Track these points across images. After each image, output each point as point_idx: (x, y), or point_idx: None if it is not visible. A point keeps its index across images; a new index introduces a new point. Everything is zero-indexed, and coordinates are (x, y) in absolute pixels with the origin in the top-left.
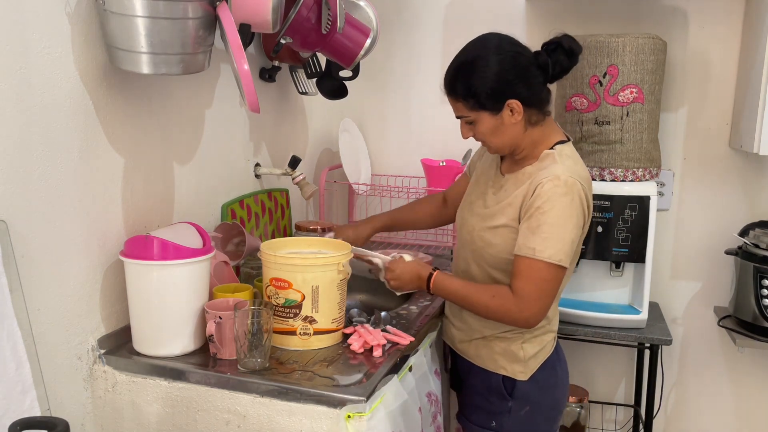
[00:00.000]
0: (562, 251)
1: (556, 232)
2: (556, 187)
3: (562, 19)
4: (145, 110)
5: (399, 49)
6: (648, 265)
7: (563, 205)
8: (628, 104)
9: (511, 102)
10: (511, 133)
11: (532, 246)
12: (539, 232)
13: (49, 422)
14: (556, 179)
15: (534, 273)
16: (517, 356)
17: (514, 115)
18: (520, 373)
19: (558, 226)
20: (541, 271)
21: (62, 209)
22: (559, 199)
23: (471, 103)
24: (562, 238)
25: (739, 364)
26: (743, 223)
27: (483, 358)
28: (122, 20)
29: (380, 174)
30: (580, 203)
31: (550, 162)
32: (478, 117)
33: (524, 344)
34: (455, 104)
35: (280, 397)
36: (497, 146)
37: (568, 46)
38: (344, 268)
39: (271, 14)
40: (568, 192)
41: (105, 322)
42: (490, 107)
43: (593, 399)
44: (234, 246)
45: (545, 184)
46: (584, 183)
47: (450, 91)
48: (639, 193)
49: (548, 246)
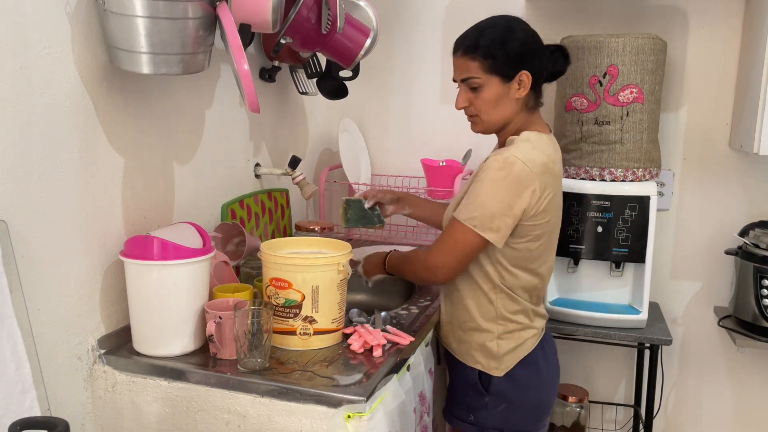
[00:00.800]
0: (478, 218)
1: (479, 199)
2: (495, 162)
3: (562, 19)
4: (145, 110)
5: (399, 49)
6: (648, 265)
7: (493, 179)
8: (628, 104)
9: (524, 74)
10: (509, 108)
11: (459, 209)
12: (467, 197)
13: (49, 422)
14: (499, 155)
15: (449, 230)
16: (492, 352)
17: (520, 89)
18: (495, 369)
19: (482, 196)
20: (456, 231)
21: (62, 209)
22: (492, 173)
23: (488, 65)
24: (482, 205)
25: (739, 364)
26: (743, 223)
27: (462, 353)
28: (122, 20)
29: (380, 174)
30: (518, 182)
31: (509, 144)
32: (488, 81)
33: (499, 340)
34: (468, 64)
35: (280, 397)
36: (491, 119)
37: (566, 53)
38: (344, 268)
39: (271, 14)
40: (503, 167)
41: (105, 322)
42: (505, 73)
43: (593, 399)
44: (234, 246)
45: (490, 159)
46: (532, 165)
47: (469, 49)
48: (639, 193)
49: (467, 211)
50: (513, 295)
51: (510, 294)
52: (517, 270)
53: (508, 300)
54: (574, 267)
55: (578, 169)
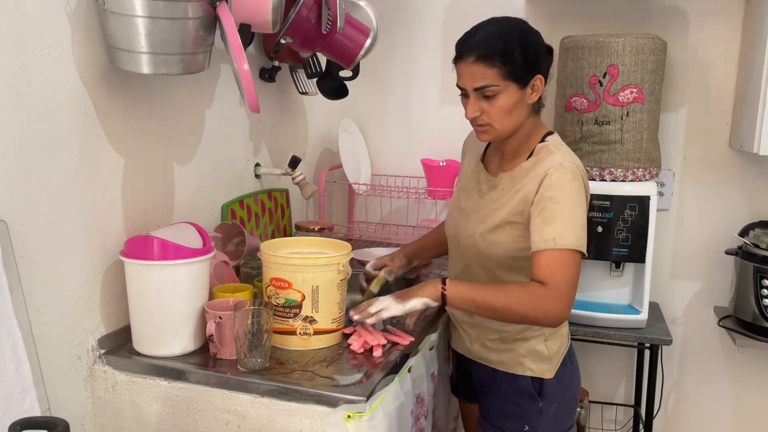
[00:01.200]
0: (581, 238)
1: (572, 218)
2: (564, 174)
3: (562, 19)
4: (145, 110)
5: (399, 49)
6: (648, 265)
7: (573, 191)
8: (628, 104)
9: (538, 78)
10: (522, 114)
11: (552, 237)
12: (555, 221)
13: (49, 422)
14: (561, 167)
15: (561, 263)
16: (543, 355)
17: (533, 93)
18: (547, 371)
19: (572, 213)
20: (566, 259)
21: (62, 209)
22: (568, 185)
23: (506, 71)
24: (576, 224)
25: (739, 364)
26: (743, 223)
27: (507, 363)
28: (122, 20)
29: (380, 174)
30: (584, 189)
31: (546, 153)
32: (505, 88)
33: (547, 342)
34: (485, 71)
35: (280, 397)
36: (504, 128)
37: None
38: (344, 268)
39: (271, 14)
40: (575, 178)
41: (105, 322)
42: (521, 79)
43: (593, 399)
44: (234, 246)
45: (553, 174)
46: (582, 169)
47: (483, 56)
48: (639, 193)
49: (568, 234)
50: None
51: None
52: None
53: None
54: None
55: None
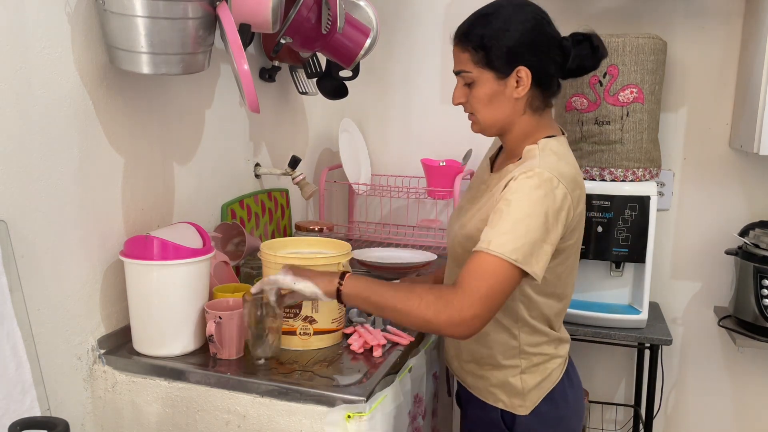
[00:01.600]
0: (520, 250)
1: (518, 227)
2: (528, 179)
3: (562, 19)
4: (145, 110)
5: (399, 49)
6: (648, 265)
7: (532, 200)
8: (628, 104)
9: (522, 70)
10: (507, 108)
11: (488, 239)
12: (499, 224)
13: (49, 422)
14: (530, 171)
15: (485, 269)
16: (515, 389)
17: (518, 87)
18: (520, 407)
19: (521, 221)
20: (493, 267)
21: (62, 209)
22: (528, 192)
23: (479, 57)
24: (524, 234)
25: (739, 364)
26: (743, 223)
27: (480, 389)
28: (122, 20)
29: (380, 174)
30: (555, 202)
31: (530, 157)
32: (480, 76)
33: (523, 375)
34: (460, 55)
35: (280, 397)
36: (486, 120)
37: (597, 44)
38: (344, 268)
39: (271, 14)
40: (540, 186)
41: (105, 322)
42: (499, 68)
43: (593, 399)
44: (234, 246)
45: (518, 177)
46: (566, 182)
47: (461, 39)
48: (639, 193)
49: (506, 241)
50: (537, 326)
51: (534, 325)
52: (543, 298)
53: (532, 332)
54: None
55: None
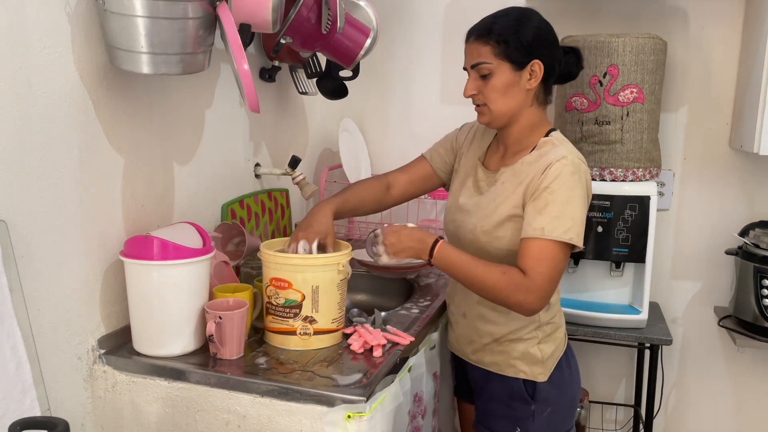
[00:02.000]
0: (573, 230)
1: (566, 210)
2: (565, 167)
3: (562, 19)
4: (145, 110)
5: (399, 49)
6: (648, 265)
7: (572, 184)
8: (628, 104)
9: (536, 63)
10: (519, 99)
11: (541, 226)
12: (547, 211)
13: (49, 422)
14: (564, 159)
15: (544, 253)
16: (536, 357)
17: (531, 79)
18: (540, 374)
19: (567, 204)
20: (552, 251)
21: (62, 209)
22: (568, 178)
23: (500, 50)
24: (572, 216)
25: (739, 364)
26: (743, 223)
27: (500, 365)
28: (122, 20)
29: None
30: (586, 184)
31: (550, 147)
32: (498, 67)
33: (540, 344)
34: (480, 48)
35: (280, 397)
36: (498, 110)
37: (580, 55)
38: (344, 268)
39: (271, 14)
40: (576, 171)
41: (105, 322)
42: (516, 60)
43: (593, 399)
44: (234, 246)
45: (554, 164)
46: (586, 166)
47: (482, 33)
48: (639, 193)
49: (559, 224)
50: (553, 301)
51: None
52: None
53: (549, 306)
54: (574, 267)
55: None
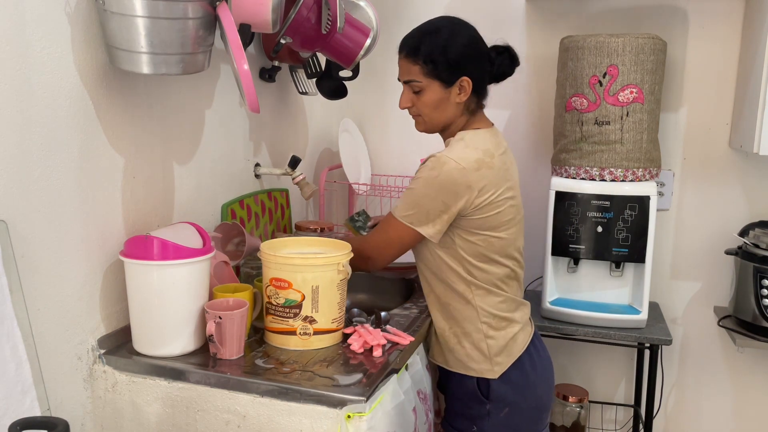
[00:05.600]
0: (413, 215)
1: (413, 197)
2: (428, 163)
3: (562, 19)
4: (145, 110)
5: None
6: (648, 265)
7: (428, 178)
8: (628, 104)
9: (464, 80)
10: (450, 111)
11: (396, 205)
12: (404, 195)
13: (49, 422)
14: (433, 157)
15: (383, 227)
16: (483, 354)
17: (461, 94)
18: (488, 371)
19: (415, 194)
20: (389, 226)
21: (62, 209)
22: (425, 173)
23: (427, 69)
24: (416, 203)
25: (739, 364)
26: (743, 223)
27: (454, 363)
28: (122, 20)
29: (380, 174)
30: (451, 180)
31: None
32: (428, 85)
33: (488, 339)
34: (409, 67)
35: (280, 397)
36: (432, 121)
37: (513, 54)
38: (344, 268)
39: (271, 14)
40: (434, 167)
41: (105, 322)
42: (445, 78)
43: (593, 399)
44: (234, 246)
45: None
46: (465, 163)
47: (409, 53)
48: (639, 193)
49: (402, 206)
50: (489, 289)
51: (486, 288)
52: (483, 264)
53: (485, 294)
54: (574, 267)
55: (578, 169)
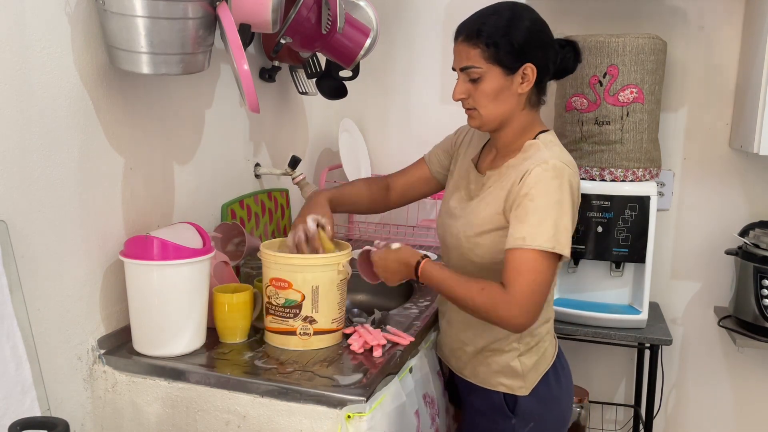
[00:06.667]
0: (555, 238)
1: (548, 217)
2: (545, 172)
3: (562, 19)
4: (145, 110)
5: (399, 49)
6: (648, 265)
7: (553, 190)
8: (628, 104)
9: (528, 66)
10: (510, 103)
11: (522, 235)
12: (528, 219)
13: (49, 422)
14: (545, 164)
15: (525, 264)
16: (516, 371)
17: (524, 83)
18: (520, 388)
19: (549, 211)
20: (533, 261)
21: (62, 209)
22: (548, 183)
23: (489, 53)
24: (555, 224)
25: (739, 364)
26: (743, 223)
27: (481, 377)
28: (122, 20)
29: (380, 174)
30: (570, 189)
31: (534, 150)
32: (488, 72)
33: (521, 357)
34: (469, 51)
35: (280, 397)
36: (489, 114)
37: (578, 49)
38: (344, 268)
39: (271, 14)
40: (557, 176)
41: (105, 322)
42: (508, 64)
43: (593, 399)
44: (234, 246)
45: (533, 170)
46: (573, 168)
47: (470, 35)
48: (639, 193)
49: (540, 233)
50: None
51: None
52: None
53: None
54: (574, 267)
55: (578, 169)
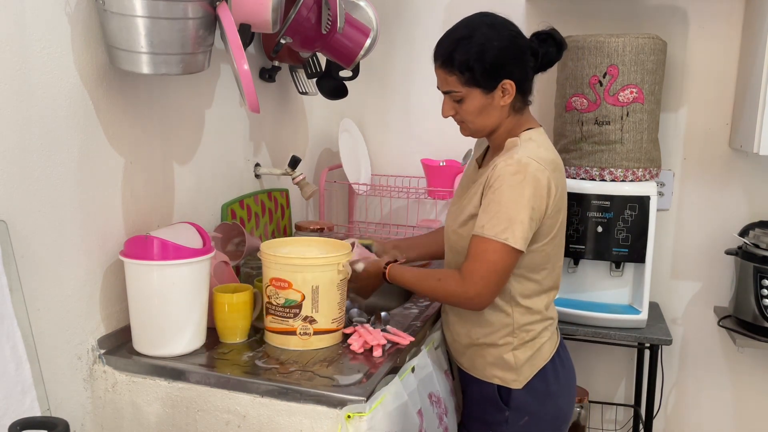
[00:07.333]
0: (509, 230)
1: (505, 210)
2: (508, 167)
3: (562, 19)
4: (145, 110)
5: (399, 49)
6: (648, 265)
7: (514, 184)
8: (628, 104)
9: (506, 82)
10: (496, 115)
11: (482, 224)
12: (488, 209)
13: (49, 422)
14: (510, 159)
15: (480, 252)
16: (509, 364)
17: (505, 96)
18: (513, 381)
19: (507, 205)
20: (490, 250)
21: (62, 209)
22: (509, 178)
23: (465, 78)
24: (510, 217)
25: (739, 364)
26: (743, 223)
27: (476, 368)
28: (122, 20)
29: (380, 174)
30: (534, 184)
31: (511, 147)
32: (468, 94)
33: (515, 351)
34: (446, 77)
35: (280, 397)
36: (478, 127)
37: (559, 38)
38: (344, 268)
39: (271, 14)
40: (519, 171)
41: (105, 322)
42: (484, 85)
43: (593, 399)
44: (234, 246)
45: (498, 165)
46: (544, 163)
47: (444, 63)
48: (639, 193)
49: (496, 224)
50: (530, 306)
51: (527, 306)
52: (536, 275)
53: (525, 311)
54: (574, 267)
55: (578, 169)
